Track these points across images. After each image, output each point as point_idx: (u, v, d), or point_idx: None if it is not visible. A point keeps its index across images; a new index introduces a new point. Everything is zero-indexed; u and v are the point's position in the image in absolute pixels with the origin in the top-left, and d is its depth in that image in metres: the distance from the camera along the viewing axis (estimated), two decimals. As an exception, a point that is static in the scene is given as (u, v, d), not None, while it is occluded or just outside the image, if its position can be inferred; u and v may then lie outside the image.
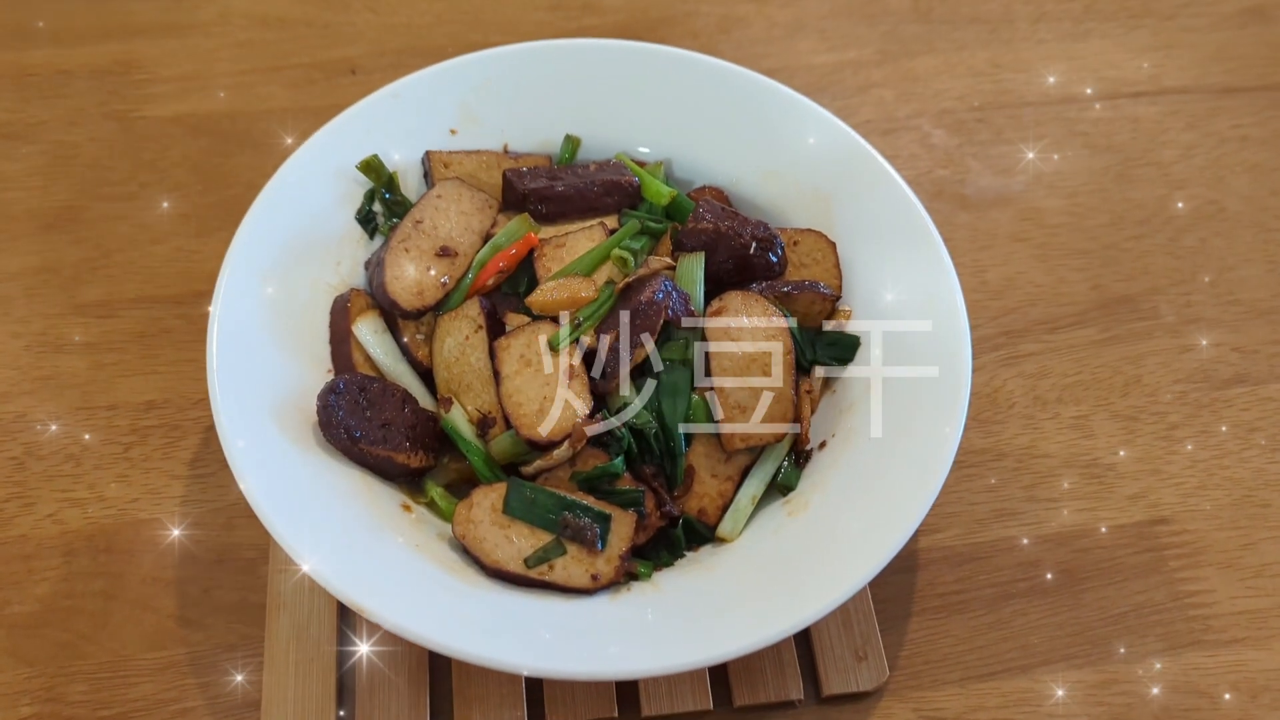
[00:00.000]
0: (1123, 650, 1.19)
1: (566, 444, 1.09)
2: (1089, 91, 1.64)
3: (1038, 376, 1.37)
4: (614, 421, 1.09)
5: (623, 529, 1.07)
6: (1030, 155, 1.56)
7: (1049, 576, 1.23)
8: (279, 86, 1.56)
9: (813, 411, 1.20)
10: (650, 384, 1.12)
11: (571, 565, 1.06)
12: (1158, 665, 1.17)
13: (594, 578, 1.05)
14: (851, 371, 1.20)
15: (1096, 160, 1.57)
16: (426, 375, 1.21)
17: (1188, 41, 1.71)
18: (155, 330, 1.34)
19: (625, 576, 1.06)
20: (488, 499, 1.09)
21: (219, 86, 1.56)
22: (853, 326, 1.22)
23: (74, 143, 1.50)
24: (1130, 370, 1.38)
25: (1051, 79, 1.65)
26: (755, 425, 1.13)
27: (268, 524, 1.01)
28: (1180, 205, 1.53)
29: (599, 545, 1.04)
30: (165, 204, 1.44)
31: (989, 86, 1.64)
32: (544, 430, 1.10)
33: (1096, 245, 1.49)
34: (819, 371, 1.22)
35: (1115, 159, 1.57)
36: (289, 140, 1.50)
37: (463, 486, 1.17)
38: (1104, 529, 1.27)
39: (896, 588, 1.21)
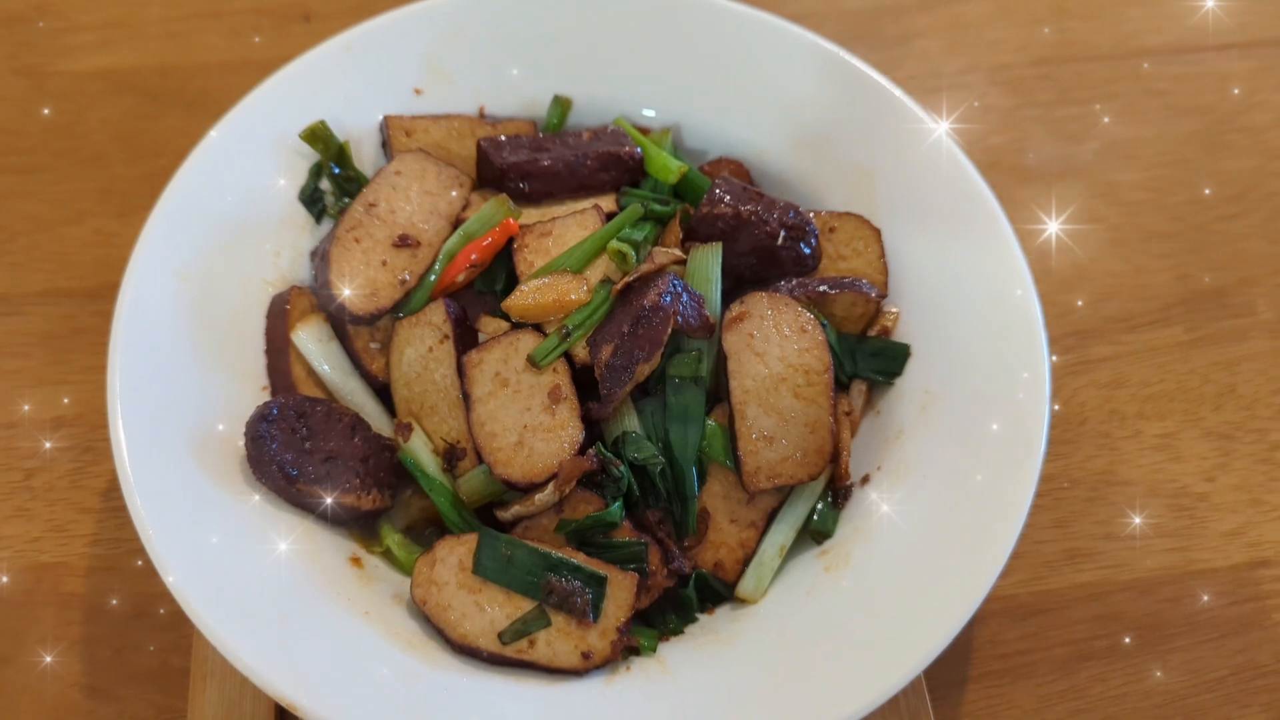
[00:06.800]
0: (1221, 724, 1.02)
1: (551, 486, 0.92)
2: (1169, 43, 1.44)
3: (1114, 386, 1.19)
4: (611, 457, 0.93)
5: (621, 594, 0.90)
6: (1102, 119, 1.37)
7: (1131, 632, 1.06)
8: (218, 36, 1.40)
9: (853, 436, 1.00)
10: (655, 408, 0.97)
11: (558, 640, 0.88)
12: (1263, 742, 1.01)
13: (586, 656, 0.87)
14: (900, 388, 1.03)
15: (1179, 125, 1.38)
16: (383, 391, 1.03)
17: (1281, -17, 1.48)
18: (66, 330, 1.19)
19: (624, 652, 0.91)
20: (454, 554, 0.90)
21: (148, 36, 1.40)
22: (901, 332, 1.04)
23: (-26, 103, 1.35)
24: (1223, 378, 1.20)
25: (1125, 27, 1.45)
26: (785, 461, 0.95)
27: (179, 595, 0.85)
28: (1279, 179, 1.33)
29: (591, 615, 0.89)
30: (82, 177, 1.28)
31: (1052, 36, 1.44)
32: (524, 469, 0.93)
33: (1181, 227, 1.30)
34: (860, 387, 1.03)
35: (1201, 123, 1.38)
36: (229, 100, 1.28)
37: (427, 528, 1.01)
38: (1196, 574, 1.09)
39: (950, 649, 0.98)
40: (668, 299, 0.94)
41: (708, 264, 0.99)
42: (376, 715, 0.81)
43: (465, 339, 0.98)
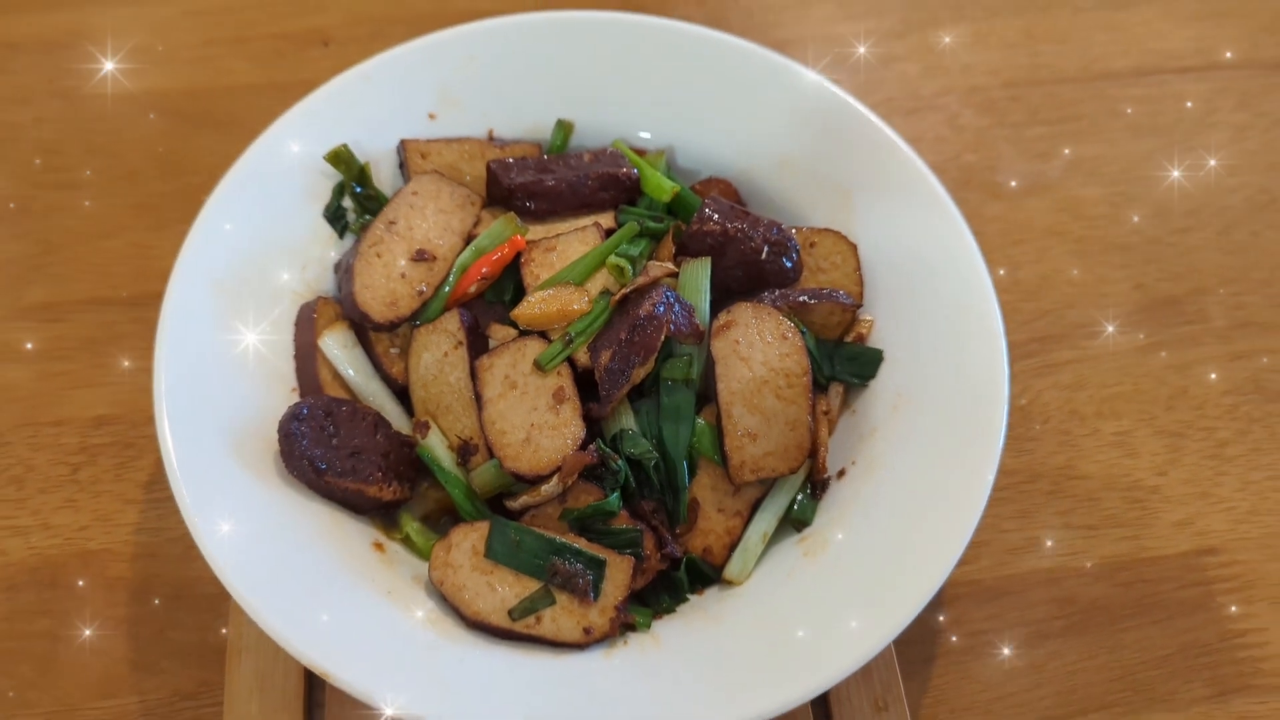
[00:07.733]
0: (1167, 696, 1.09)
1: (556, 479, 1.00)
2: (1132, 66, 1.52)
3: (1074, 388, 1.27)
4: (610, 452, 1.01)
5: (619, 576, 0.97)
6: (1068, 138, 1.45)
7: (1087, 614, 1.14)
8: (244, 60, 1.48)
9: (830, 434, 1.09)
10: (650, 408, 1.04)
11: (561, 617, 0.96)
12: (1205, 712, 1.08)
13: (586, 631, 0.95)
14: (874, 389, 1.10)
15: (1140, 144, 1.45)
16: (402, 393, 1.11)
17: (1240, 9, 1.57)
18: (107, 336, 1.25)
19: (622, 629, 0.98)
20: (468, 540, 0.98)
21: (178, 60, 1.47)
22: (875, 338, 1.12)
23: (17, 124, 1.41)
24: (1176, 380, 1.28)
25: (1092, 51, 1.52)
26: (767, 456, 1.03)
27: (221, 574, 0.92)
28: (1231, 195, 1.41)
29: (592, 595, 0.96)
30: (119, 193, 1.35)
31: (1023, 60, 1.52)
32: (531, 463, 1.00)
33: (1140, 239, 1.38)
34: (837, 388, 1.11)
35: (1160, 142, 1.46)
36: (255, 120, 1.37)
37: (442, 517, 1.08)
38: (1147, 560, 1.17)
39: (920, 628, 1.12)
40: (661, 309, 1.01)
41: (698, 277, 1.06)
42: (398, 682, 0.88)
43: (477, 345, 1.06)
